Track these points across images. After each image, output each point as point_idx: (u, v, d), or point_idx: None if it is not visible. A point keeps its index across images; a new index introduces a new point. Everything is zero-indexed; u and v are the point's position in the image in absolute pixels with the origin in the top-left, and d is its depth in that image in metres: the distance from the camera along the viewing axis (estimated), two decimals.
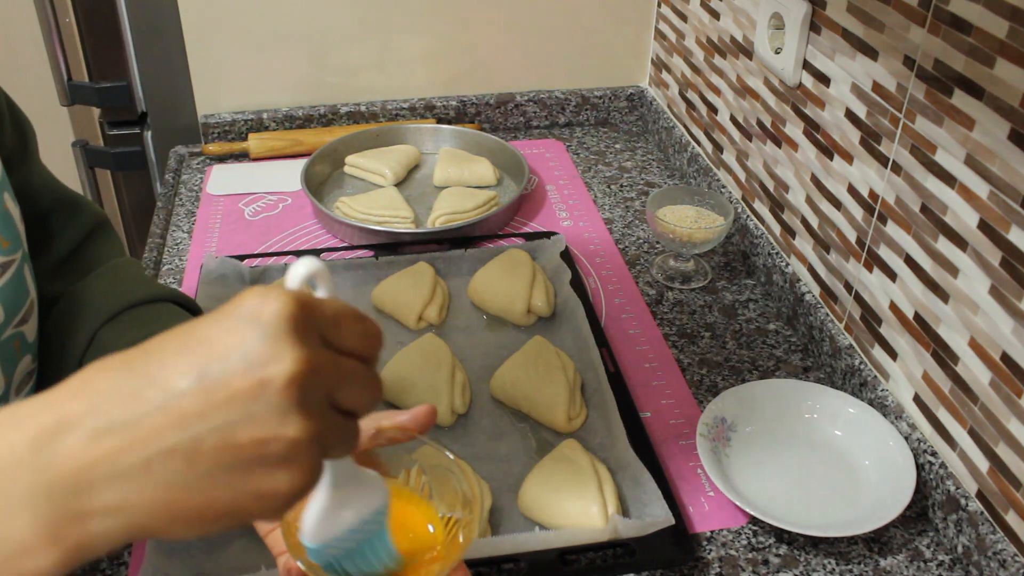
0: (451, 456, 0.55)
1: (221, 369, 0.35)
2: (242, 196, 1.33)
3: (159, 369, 0.36)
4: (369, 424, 0.57)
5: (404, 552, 0.53)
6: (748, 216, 1.22)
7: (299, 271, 0.41)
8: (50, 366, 0.69)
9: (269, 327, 0.36)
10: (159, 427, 0.35)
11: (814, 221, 1.06)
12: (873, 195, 0.93)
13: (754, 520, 0.84)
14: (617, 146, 1.52)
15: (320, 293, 0.43)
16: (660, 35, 1.52)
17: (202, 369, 0.35)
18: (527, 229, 1.26)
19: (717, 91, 1.30)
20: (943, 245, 0.83)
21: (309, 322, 0.37)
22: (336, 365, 0.38)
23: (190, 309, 0.74)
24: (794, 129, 1.09)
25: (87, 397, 0.36)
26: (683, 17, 1.41)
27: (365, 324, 0.41)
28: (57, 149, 1.46)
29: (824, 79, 1.01)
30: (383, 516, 0.52)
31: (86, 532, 0.35)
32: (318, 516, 0.49)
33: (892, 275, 0.92)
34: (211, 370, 0.35)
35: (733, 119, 1.26)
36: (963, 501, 0.80)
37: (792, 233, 1.12)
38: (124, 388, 0.35)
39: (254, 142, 1.41)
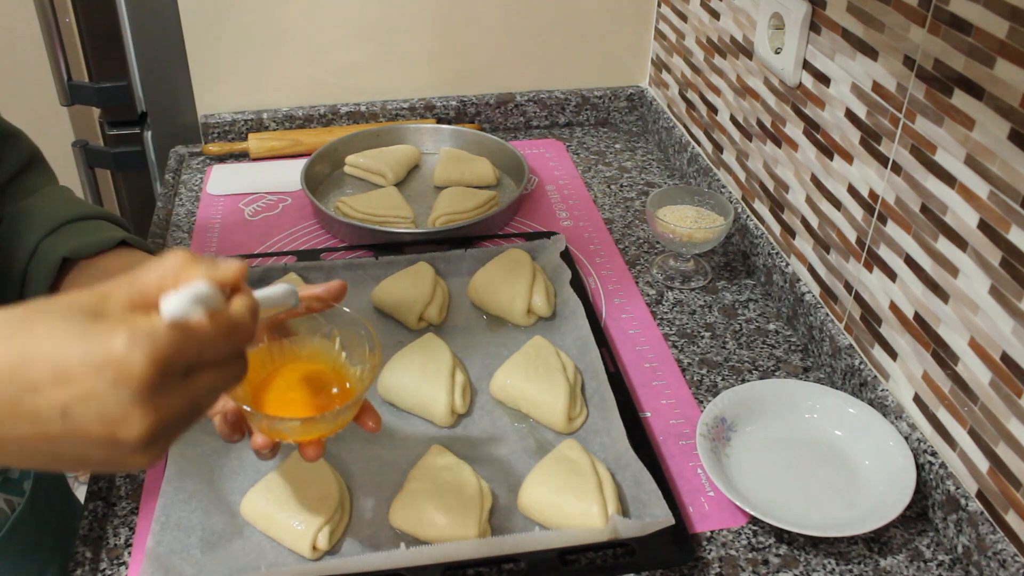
0: (357, 317, 0.68)
1: (82, 414, 0.42)
2: (242, 196, 1.33)
3: (32, 393, 0.42)
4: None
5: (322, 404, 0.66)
6: (748, 216, 1.22)
7: (184, 301, 0.46)
8: None
9: (125, 391, 0.42)
10: (29, 439, 0.43)
11: (814, 221, 1.06)
12: (873, 195, 0.93)
13: (754, 520, 0.84)
14: (617, 146, 1.52)
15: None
16: (660, 35, 1.52)
17: (67, 408, 0.42)
18: (527, 229, 1.26)
19: (717, 91, 1.30)
20: (943, 245, 0.83)
21: (166, 378, 0.44)
22: (190, 402, 0.46)
23: (122, 226, 0.80)
24: (794, 129, 1.09)
25: None
26: (683, 17, 1.41)
27: (232, 333, 0.48)
28: (57, 149, 1.46)
29: (824, 79, 1.01)
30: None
31: None
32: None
33: (892, 275, 0.92)
34: (74, 412, 0.42)
35: (733, 119, 1.26)
36: (963, 501, 0.80)
37: (792, 233, 1.12)
38: (7, 398, 0.43)
39: (254, 142, 1.41)
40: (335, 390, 0.68)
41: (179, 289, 0.46)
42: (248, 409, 0.62)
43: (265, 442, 0.65)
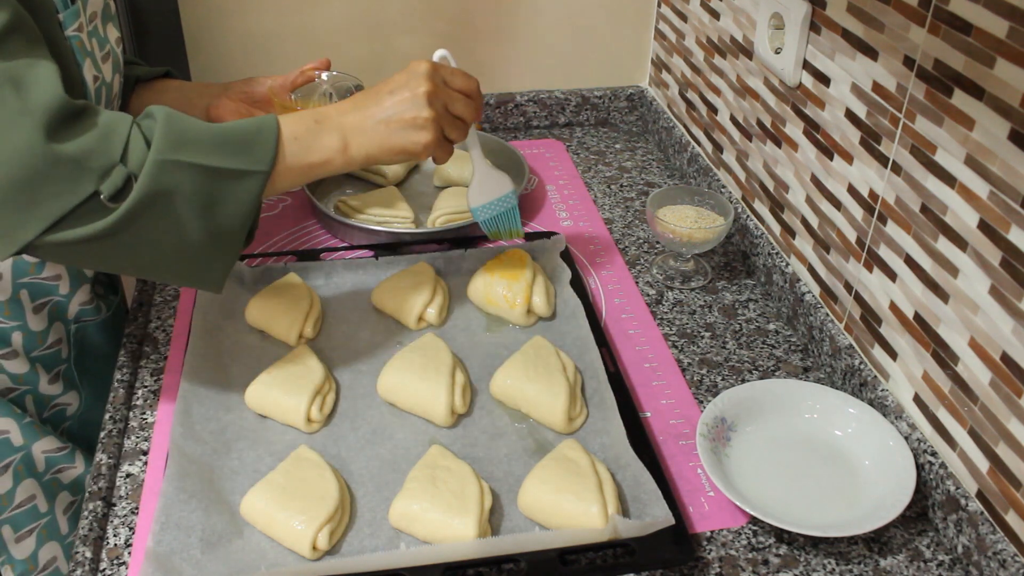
0: (345, 74, 1.15)
1: (399, 86, 0.86)
2: None
3: (376, 92, 0.86)
4: (295, 72, 1.13)
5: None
6: (748, 216, 1.22)
7: (438, 54, 0.94)
8: None
9: (418, 74, 0.86)
10: (377, 110, 0.85)
11: (814, 221, 1.06)
12: (873, 195, 0.94)
13: (754, 520, 0.84)
14: (617, 146, 1.52)
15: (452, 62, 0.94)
16: (660, 35, 1.52)
17: (392, 90, 0.86)
18: (527, 229, 1.26)
19: (717, 91, 1.30)
20: (943, 245, 0.83)
21: (436, 74, 0.87)
22: (449, 93, 0.88)
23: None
24: (794, 129, 1.09)
25: (350, 105, 0.86)
26: (683, 17, 1.41)
27: (468, 79, 0.90)
28: None
29: (824, 79, 1.01)
30: (513, 200, 1.04)
31: (353, 154, 0.85)
32: (475, 191, 1.02)
33: (892, 275, 0.92)
34: (395, 89, 0.86)
35: (733, 119, 1.26)
36: (963, 501, 0.80)
37: (792, 233, 1.12)
38: (361, 99, 0.87)
39: None
40: None
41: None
42: (299, 108, 1.06)
43: None
